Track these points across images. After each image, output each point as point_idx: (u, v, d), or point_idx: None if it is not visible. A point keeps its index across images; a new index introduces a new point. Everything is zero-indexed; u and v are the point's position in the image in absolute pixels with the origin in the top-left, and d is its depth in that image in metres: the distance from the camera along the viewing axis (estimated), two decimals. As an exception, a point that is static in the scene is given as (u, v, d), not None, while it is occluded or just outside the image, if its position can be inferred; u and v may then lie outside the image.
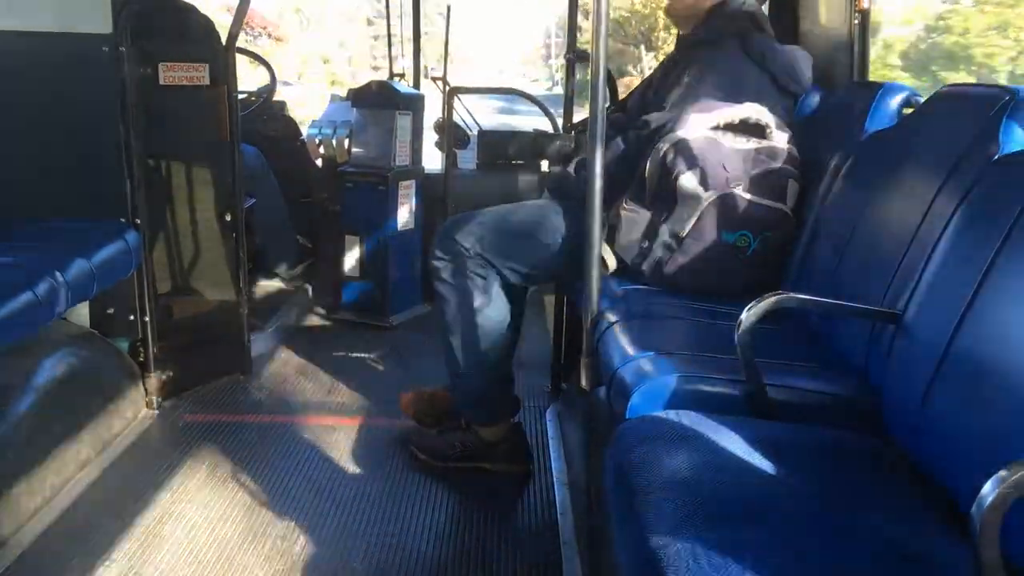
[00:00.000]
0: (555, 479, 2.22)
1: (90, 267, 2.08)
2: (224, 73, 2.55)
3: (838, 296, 1.58)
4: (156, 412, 2.50)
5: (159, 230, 2.50)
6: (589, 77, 1.67)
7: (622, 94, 2.67)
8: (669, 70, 2.13)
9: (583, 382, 1.85)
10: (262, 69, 4.14)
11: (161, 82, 2.39)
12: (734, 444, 1.16)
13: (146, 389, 2.50)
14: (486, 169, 3.97)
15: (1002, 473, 0.79)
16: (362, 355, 3.13)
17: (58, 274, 1.94)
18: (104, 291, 2.23)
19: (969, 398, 1.12)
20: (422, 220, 3.58)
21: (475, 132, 4.07)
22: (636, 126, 2.07)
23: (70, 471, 2.09)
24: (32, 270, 1.91)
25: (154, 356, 2.50)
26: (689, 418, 1.25)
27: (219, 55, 2.52)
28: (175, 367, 2.58)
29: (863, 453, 1.21)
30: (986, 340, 1.12)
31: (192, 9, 2.50)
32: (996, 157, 1.28)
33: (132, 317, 2.46)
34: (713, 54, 2.06)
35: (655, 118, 2.03)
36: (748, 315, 1.30)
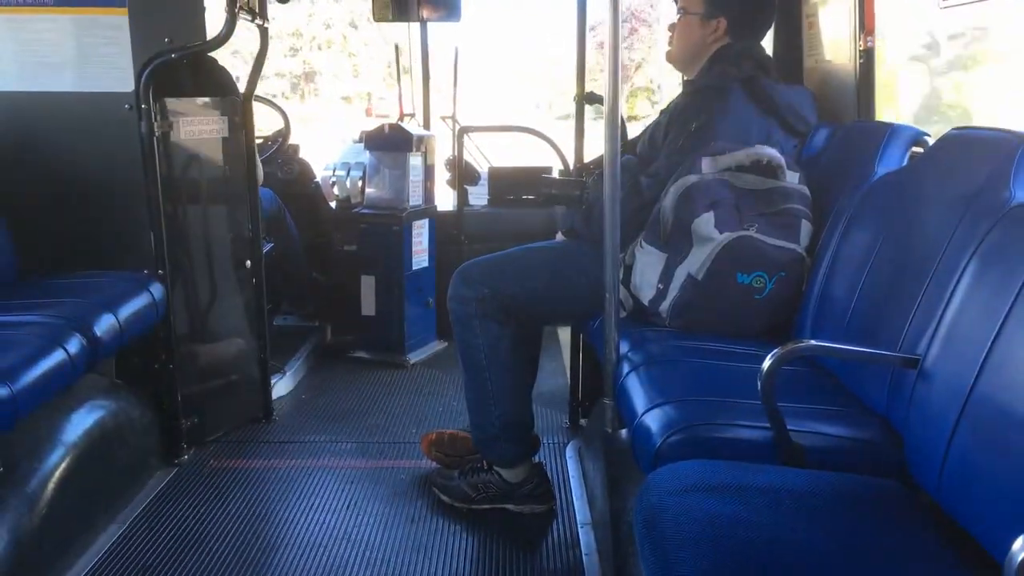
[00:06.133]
0: (578, 519, 2.23)
1: (118, 322, 2.12)
2: (242, 124, 2.61)
3: (855, 337, 1.61)
4: (183, 460, 2.53)
5: (181, 278, 2.54)
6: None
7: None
8: (675, 115, 2.17)
9: (606, 424, 1.87)
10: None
11: (181, 136, 2.45)
12: (762, 495, 1.19)
13: (172, 438, 2.53)
14: (497, 205, 4.01)
15: (1032, 529, 0.81)
16: (381, 395, 3.16)
17: (87, 331, 1.98)
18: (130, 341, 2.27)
19: (993, 444, 1.13)
20: (436, 258, 3.63)
21: (485, 169, 4.12)
22: (648, 174, 2.11)
23: (100, 524, 2.11)
24: (62, 328, 1.95)
25: (179, 404, 2.53)
26: (716, 467, 1.28)
27: (237, 107, 2.58)
28: (200, 414, 2.61)
29: (890, 501, 1.23)
30: (1008, 386, 1.13)
31: (212, 63, 2.56)
32: (1012, 204, 1.31)
33: (157, 366, 2.49)
34: (719, 99, 2.09)
35: (665, 166, 2.07)
36: (769, 364, 1.32)
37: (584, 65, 2.75)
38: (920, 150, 1.88)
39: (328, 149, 4.51)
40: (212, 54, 2.52)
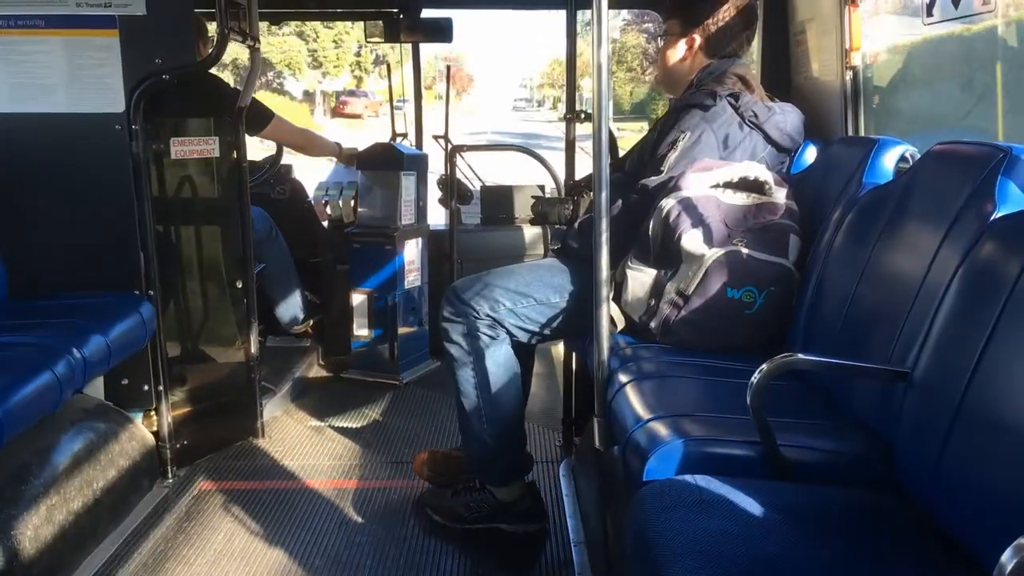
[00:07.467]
0: (571, 538, 2.21)
1: (106, 342, 2.11)
2: (234, 144, 2.61)
3: (845, 351, 1.61)
4: (172, 481, 2.51)
5: (171, 299, 2.54)
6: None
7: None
8: (663, 134, 2.18)
9: (596, 442, 1.86)
10: None
11: (173, 157, 2.45)
12: (754, 510, 1.18)
13: (161, 459, 2.51)
14: (490, 224, 4.03)
15: (1021, 541, 0.80)
16: (373, 415, 3.15)
17: (76, 352, 1.97)
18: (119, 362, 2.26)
19: (984, 455, 1.13)
20: (428, 277, 3.63)
21: (478, 188, 4.14)
22: (635, 190, 2.12)
23: (88, 547, 2.09)
24: (50, 349, 1.94)
25: (168, 425, 2.51)
26: (707, 483, 1.27)
27: (228, 127, 2.59)
28: (189, 435, 2.60)
29: (880, 514, 1.23)
30: (998, 397, 1.13)
31: (208, 79, 2.57)
32: (994, 216, 1.31)
33: (146, 387, 2.48)
34: (704, 117, 2.11)
35: (652, 183, 2.08)
36: (759, 378, 1.32)
37: (574, 84, 2.77)
38: (907, 165, 1.89)
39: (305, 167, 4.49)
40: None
